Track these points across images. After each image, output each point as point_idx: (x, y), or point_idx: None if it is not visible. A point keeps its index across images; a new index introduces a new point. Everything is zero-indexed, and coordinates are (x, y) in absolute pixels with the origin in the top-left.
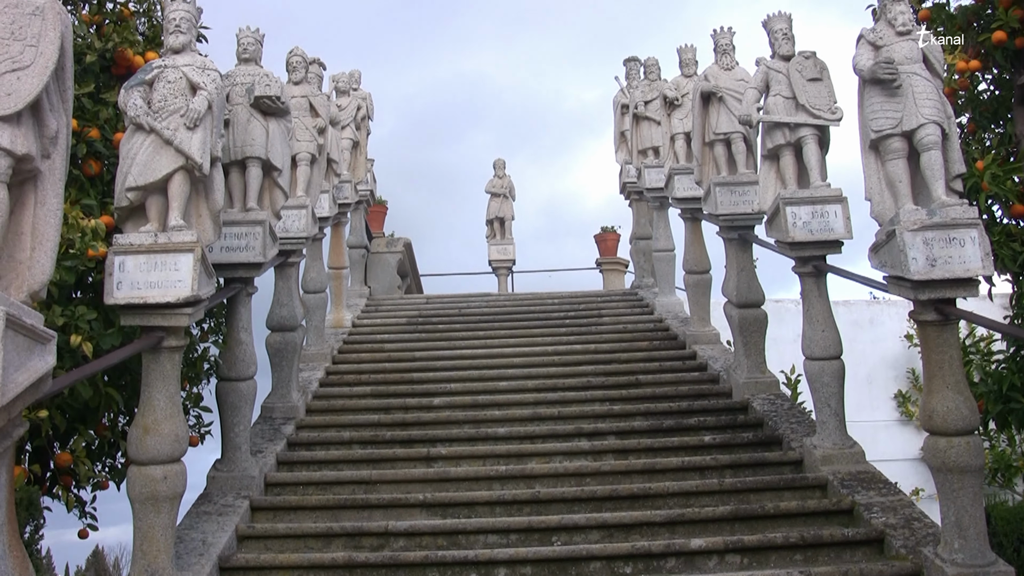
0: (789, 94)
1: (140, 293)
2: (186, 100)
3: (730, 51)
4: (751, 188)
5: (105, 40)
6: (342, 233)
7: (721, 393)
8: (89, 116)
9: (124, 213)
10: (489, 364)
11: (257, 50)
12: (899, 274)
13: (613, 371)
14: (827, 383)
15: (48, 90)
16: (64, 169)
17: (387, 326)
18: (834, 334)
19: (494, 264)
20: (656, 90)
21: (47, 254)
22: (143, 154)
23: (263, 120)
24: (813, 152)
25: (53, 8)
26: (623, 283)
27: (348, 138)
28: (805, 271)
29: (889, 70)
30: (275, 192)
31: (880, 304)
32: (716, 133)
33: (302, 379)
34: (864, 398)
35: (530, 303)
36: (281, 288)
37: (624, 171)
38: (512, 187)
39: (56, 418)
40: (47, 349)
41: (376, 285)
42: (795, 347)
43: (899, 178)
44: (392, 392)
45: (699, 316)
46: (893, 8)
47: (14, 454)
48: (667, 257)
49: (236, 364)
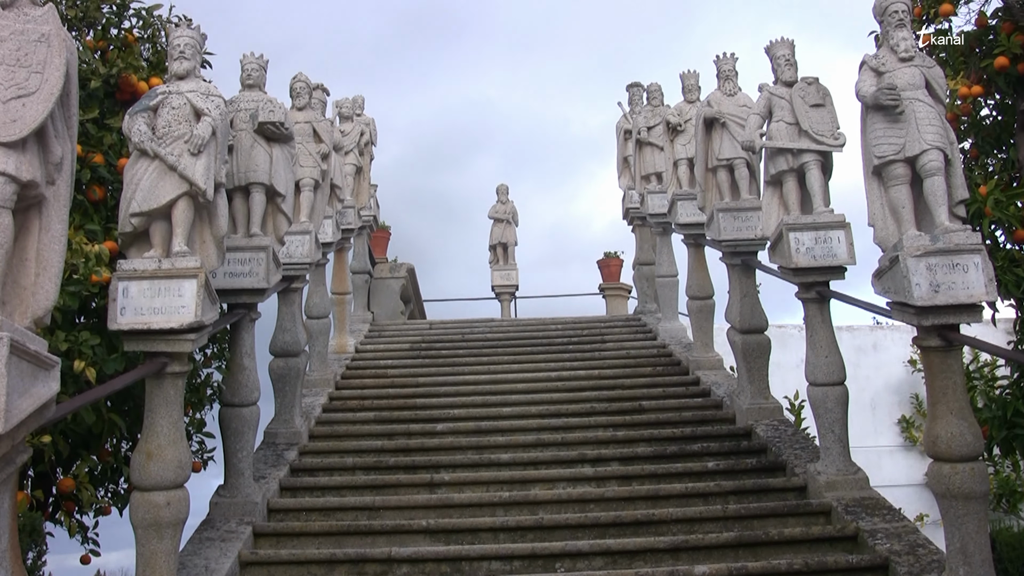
0: (792, 120)
1: (144, 319)
2: (190, 126)
3: (733, 77)
4: (754, 214)
5: (110, 66)
6: (345, 258)
7: (724, 419)
8: (93, 142)
9: (128, 239)
10: (492, 390)
11: (261, 76)
12: (902, 300)
13: (616, 397)
14: (831, 409)
15: (53, 116)
16: (68, 195)
17: (390, 352)
18: (838, 360)
19: (497, 289)
20: (659, 116)
21: (51, 280)
22: (147, 180)
23: (267, 146)
24: (816, 178)
25: (58, 35)
26: (626, 308)
27: (351, 163)
28: (808, 297)
29: (892, 96)
30: (278, 218)
31: (884, 329)
32: (719, 159)
33: (305, 404)
34: (868, 424)
35: (533, 328)
36: (284, 314)
37: (627, 197)
38: (515, 212)
39: (59, 443)
40: (51, 375)
41: (379, 310)
42: (799, 373)
43: (902, 204)
44: (395, 418)
45: (702, 342)
46: (895, 34)
47: (17, 480)
48: (670, 283)
49: (239, 390)
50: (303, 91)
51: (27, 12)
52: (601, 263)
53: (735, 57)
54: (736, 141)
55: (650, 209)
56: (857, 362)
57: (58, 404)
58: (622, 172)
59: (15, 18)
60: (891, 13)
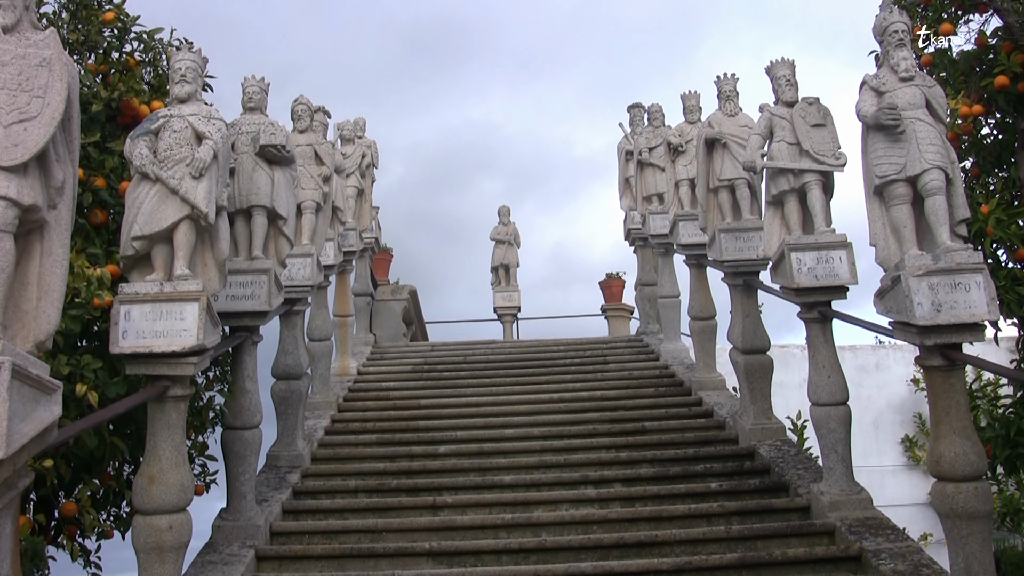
0: (793, 140)
1: (146, 342)
2: (192, 149)
3: (734, 97)
4: (756, 234)
5: (111, 89)
6: (347, 281)
7: (727, 439)
8: (95, 165)
9: (130, 262)
10: (495, 412)
11: (262, 99)
12: (905, 319)
13: (619, 418)
14: (833, 429)
15: (55, 141)
16: (70, 219)
17: (392, 374)
18: (840, 379)
19: (499, 311)
20: (660, 136)
21: (53, 304)
22: (149, 203)
23: (268, 169)
24: (817, 198)
25: (60, 59)
26: (628, 329)
27: (353, 186)
28: (810, 317)
29: (892, 116)
30: (280, 240)
31: (886, 349)
32: (720, 179)
33: (307, 427)
34: (871, 443)
35: (535, 350)
36: (286, 336)
37: (629, 217)
38: (517, 234)
39: (61, 467)
40: (53, 399)
41: (381, 333)
42: (801, 393)
43: (903, 223)
44: (398, 440)
45: (705, 362)
46: (895, 54)
47: (19, 504)
48: (672, 303)
49: (241, 413)
50: (304, 114)
51: (29, 36)
52: (603, 284)
53: (736, 77)
54: (737, 161)
55: (652, 230)
56: (860, 381)
57: (60, 428)
58: (624, 193)
59: (17, 42)
60: (891, 33)
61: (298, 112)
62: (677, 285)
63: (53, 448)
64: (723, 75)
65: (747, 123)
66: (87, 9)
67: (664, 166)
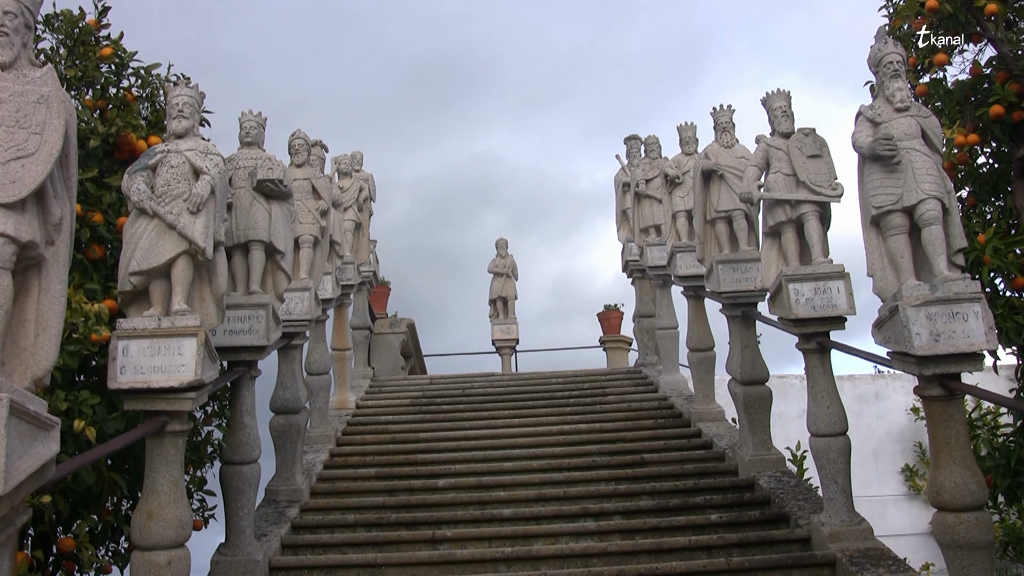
0: (790, 171)
1: (144, 378)
2: (189, 185)
3: (730, 129)
4: (753, 265)
5: (109, 125)
6: (345, 314)
7: (727, 471)
8: (93, 200)
9: (128, 297)
10: (494, 445)
11: (260, 134)
12: (903, 350)
13: (618, 450)
14: (833, 459)
15: (52, 177)
16: (68, 255)
17: (391, 407)
18: (839, 410)
19: (497, 344)
20: (657, 168)
21: (51, 340)
22: (146, 239)
23: (266, 203)
24: (814, 228)
25: (57, 96)
26: (627, 361)
27: (351, 219)
28: (809, 348)
29: (888, 146)
30: (278, 275)
31: (885, 378)
32: (717, 211)
33: (306, 461)
34: (871, 473)
35: (534, 382)
36: (285, 370)
37: (626, 249)
38: (514, 266)
39: (59, 503)
40: (50, 436)
41: (380, 366)
42: (801, 423)
43: (901, 254)
44: (397, 474)
45: (703, 394)
46: (891, 85)
47: (17, 540)
48: (671, 335)
49: (240, 447)
50: (302, 148)
51: (26, 73)
52: (601, 316)
53: (732, 109)
54: (734, 193)
55: (649, 261)
56: (859, 411)
57: (58, 464)
58: (621, 225)
59: (14, 79)
60: (886, 64)
61: (295, 146)
62: (675, 316)
63: (51, 484)
64: (719, 107)
65: (744, 154)
66: (85, 45)
67: (661, 198)
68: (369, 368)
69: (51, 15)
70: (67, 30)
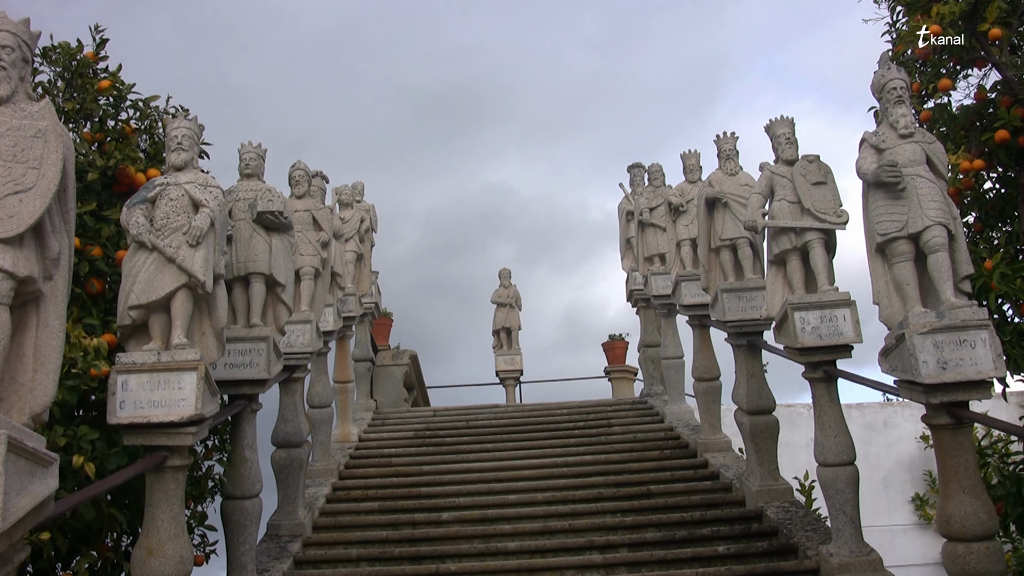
0: (794, 198)
1: (143, 412)
2: (188, 217)
3: (734, 156)
4: (758, 294)
5: (107, 158)
6: (347, 346)
7: (734, 502)
8: (91, 234)
9: (127, 331)
10: (498, 477)
11: (259, 165)
12: (910, 378)
13: (624, 482)
14: (841, 489)
15: (50, 212)
16: (66, 290)
17: (394, 440)
18: (847, 439)
19: (501, 375)
20: (660, 196)
21: (49, 376)
22: (145, 272)
23: (266, 235)
24: (820, 256)
25: (55, 130)
26: (632, 391)
27: (352, 251)
28: (815, 376)
29: (893, 173)
30: (279, 307)
31: (894, 406)
32: (722, 239)
33: (308, 495)
34: (881, 502)
35: (538, 414)
36: (286, 404)
37: (631, 279)
38: (518, 296)
39: (58, 540)
40: (49, 472)
41: (382, 398)
42: (808, 452)
43: (907, 281)
44: (400, 507)
45: (710, 424)
46: (895, 111)
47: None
48: (676, 364)
49: (241, 482)
50: (302, 179)
51: (24, 108)
52: (606, 346)
53: (736, 136)
54: (739, 221)
55: (654, 291)
56: (868, 440)
57: (57, 500)
58: (625, 254)
59: (12, 114)
60: (890, 90)
61: (295, 177)
62: (680, 346)
63: (50, 520)
64: (723, 134)
65: (748, 182)
66: (83, 78)
67: (665, 226)
68: (372, 400)
69: (49, 48)
70: (65, 63)
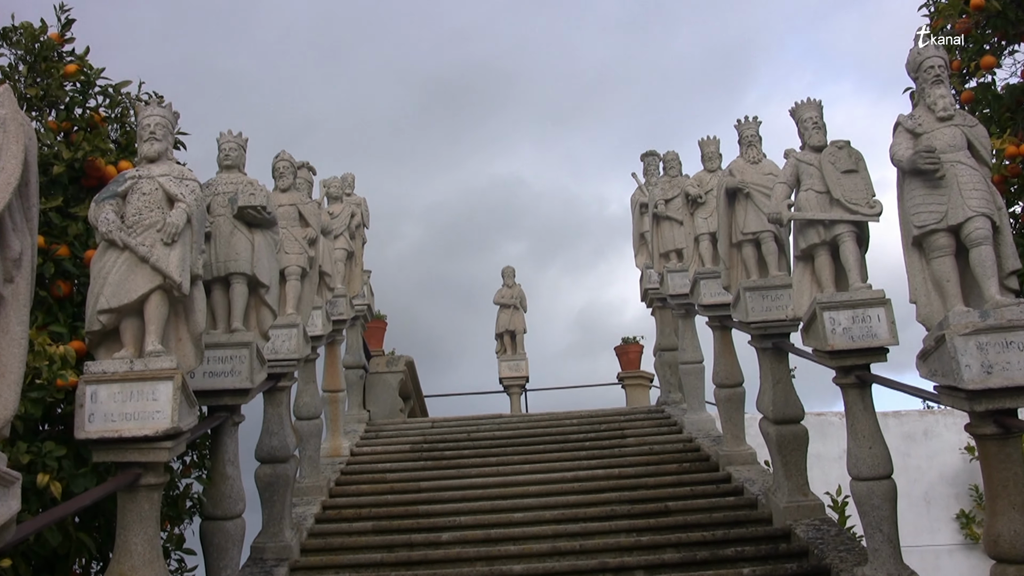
0: (822, 188)
1: (114, 426)
2: (163, 213)
3: (756, 143)
4: (784, 292)
5: (74, 149)
6: (337, 353)
7: (760, 519)
8: (57, 232)
9: (96, 338)
10: (502, 494)
11: (240, 156)
12: (951, 383)
13: (640, 498)
14: (877, 505)
15: (11, 208)
16: (29, 293)
17: (389, 454)
18: (883, 450)
19: (505, 382)
20: (677, 187)
21: (11, 388)
22: (116, 273)
23: (248, 232)
24: (851, 251)
25: (15, 119)
26: (648, 399)
27: (342, 248)
28: (847, 382)
29: (930, 160)
30: (262, 310)
31: (935, 414)
32: (744, 233)
33: (296, 515)
34: (922, 520)
35: (546, 424)
36: (271, 415)
37: (645, 276)
38: (523, 297)
39: (21, 567)
40: (10, 493)
41: (376, 408)
42: (841, 465)
43: (947, 277)
44: (396, 527)
45: (732, 434)
46: (932, 92)
47: None
48: (695, 370)
49: (222, 501)
50: (287, 171)
51: None
52: (619, 350)
53: (758, 121)
54: (762, 213)
55: (670, 289)
56: (907, 451)
57: (19, 524)
58: (639, 250)
59: None
60: (926, 69)
61: (280, 169)
62: (700, 350)
63: (12, 546)
64: (744, 119)
65: (772, 171)
66: (47, 62)
67: (682, 219)
68: (364, 411)
69: (9, 28)
70: (27, 45)
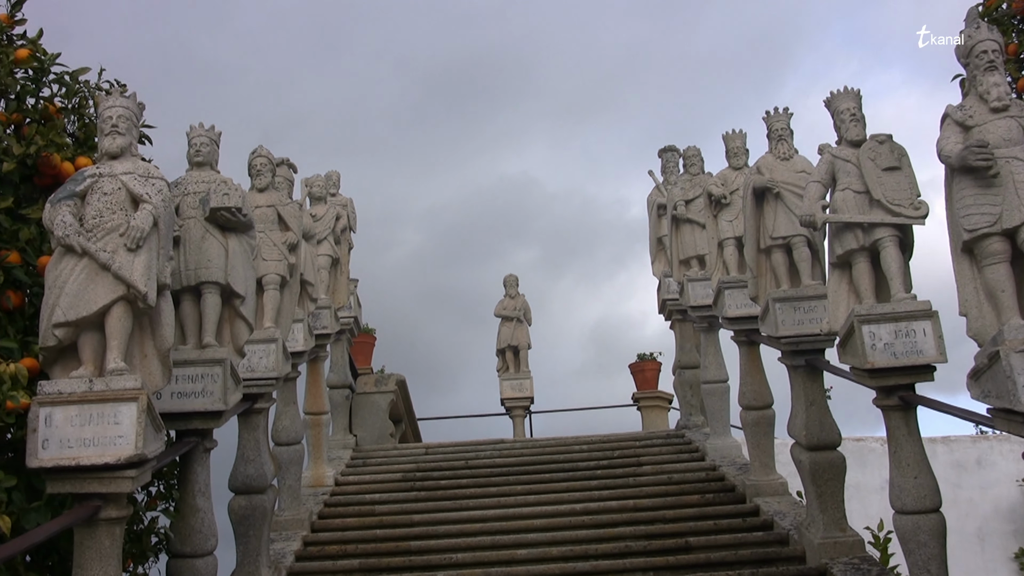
0: (861, 187)
1: (71, 453)
2: (126, 215)
3: (787, 137)
4: (818, 303)
5: (26, 144)
6: (321, 371)
7: (792, 557)
8: (7, 236)
9: (51, 354)
10: (503, 528)
11: (212, 152)
12: (1007, 405)
13: (657, 533)
14: (924, 542)
15: None
16: None
17: (378, 484)
18: (930, 480)
19: (508, 403)
20: (699, 186)
21: None
22: (74, 283)
23: (221, 237)
24: (893, 257)
25: None
26: (666, 422)
27: (326, 254)
28: (889, 404)
29: (982, 155)
30: (237, 323)
31: (989, 440)
32: (773, 237)
33: (274, 552)
34: (976, 559)
35: (552, 450)
36: (246, 441)
37: (663, 286)
38: (527, 308)
39: None
40: None
41: (363, 433)
42: (883, 497)
43: (1001, 287)
44: (385, 566)
45: (761, 461)
46: (985, 80)
47: None
48: (719, 390)
49: (192, 536)
50: (265, 168)
51: None
52: (634, 367)
53: (789, 113)
54: (793, 215)
55: (691, 300)
56: (958, 482)
57: None
58: (656, 256)
59: None
60: (978, 54)
61: (257, 166)
62: (724, 367)
63: None
64: (773, 110)
65: (804, 168)
66: None
67: (704, 222)
68: (351, 436)
69: None
70: None
